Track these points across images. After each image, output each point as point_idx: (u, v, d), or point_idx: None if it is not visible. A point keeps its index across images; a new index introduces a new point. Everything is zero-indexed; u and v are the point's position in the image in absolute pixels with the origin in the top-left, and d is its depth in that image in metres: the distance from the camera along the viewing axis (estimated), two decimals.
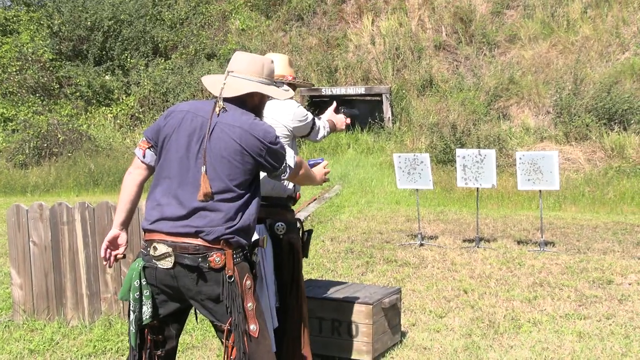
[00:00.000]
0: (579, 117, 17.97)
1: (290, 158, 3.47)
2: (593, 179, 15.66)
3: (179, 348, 5.23)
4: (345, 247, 9.15)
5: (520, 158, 8.68)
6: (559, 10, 21.38)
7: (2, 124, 20.98)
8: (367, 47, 23.21)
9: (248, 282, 3.27)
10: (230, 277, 3.19)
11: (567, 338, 5.49)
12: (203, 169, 3.17)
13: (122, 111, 22.05)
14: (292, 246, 4.28)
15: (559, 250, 8.73)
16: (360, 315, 4.97)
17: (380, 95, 21.04)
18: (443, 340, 5.47)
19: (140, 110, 21.96)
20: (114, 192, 16.82)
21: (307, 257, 4.65)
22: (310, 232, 4.58)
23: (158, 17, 24.62)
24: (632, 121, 17.61)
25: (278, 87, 3.70)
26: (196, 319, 3.71)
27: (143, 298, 3.25)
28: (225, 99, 3.38)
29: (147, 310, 3.25)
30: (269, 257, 4.20)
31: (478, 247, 8.94)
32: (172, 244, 3.15)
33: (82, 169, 17.92)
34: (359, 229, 10.42)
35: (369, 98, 21.73)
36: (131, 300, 3.25)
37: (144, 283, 3.24)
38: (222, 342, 3.25)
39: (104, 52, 23.30)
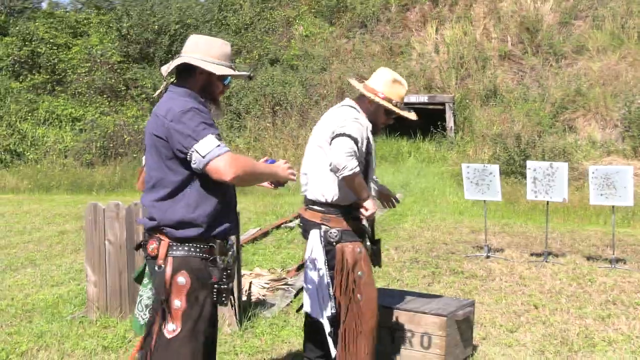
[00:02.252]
0: None
1: (204, 145, 3.02)
2: None
3: (248, 352, 5.26)
4: (410, 256, 9.08)
5: (593, 172, 8.50)
6: (630, 22, 20.94)
7: (70, 124, 21.47)
8: (430, 56, 23.08)
9: (181, 279, 3.10)
10: (159, 267, 3.13)
11: None
12: (142, 160, 3.31)
13: None
14: (343, 254, 4.21)
15: (631, 268, 8.52)
16: (434, 326, 4.91)
17: (443, 104, 20.90)
18: (515, 356, 5.38)
19: None
20: None
21: (379, 266, 4.61)
22: (378, 241, 4.53)
23: (223, 21, 24.96)
24: None
25: (235, 69, 3.43)
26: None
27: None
28: (174, 84, 3.32)
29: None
30: (320, 263, 4.21)
31: (546, 261, 8.78)
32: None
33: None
34: (423, 239, 10.34)
35: (431, 107, 21.59)
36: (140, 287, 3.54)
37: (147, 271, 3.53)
38: None
39: (170, 55, 23.62)
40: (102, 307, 5.94)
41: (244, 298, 6.21)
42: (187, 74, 3.31)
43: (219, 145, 3.04)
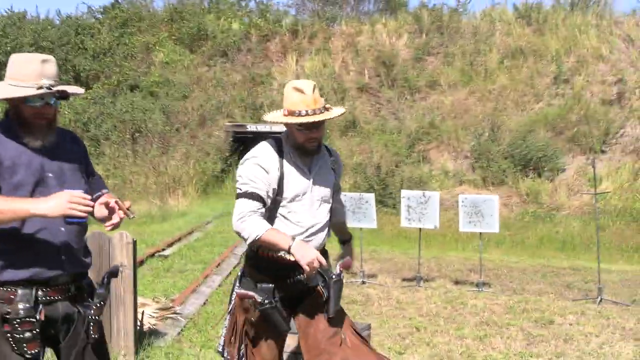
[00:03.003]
0: (496, 162, 18.76)
1: None
2: (511, 223, 16.27)
3: None
4: None
5: (462, 201, 9.06)
6: (478, 59, 22.31)
7: None
8: None
9: None
10: None
11: None
12: None
13: None
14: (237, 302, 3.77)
15: (496, 291, 9.10)
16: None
17: None
18: None
19: None
20: None
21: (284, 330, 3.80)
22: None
23: (81, 45, 24.32)
24: (546, 168, 18.50)
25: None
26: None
27: None
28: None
29: None
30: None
31: (419, 286, 9.22)
32: None
33: None
34: None
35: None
36: None
37: None
38: None
39: None
40: None
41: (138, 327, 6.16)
42: None
43: None
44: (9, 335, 2.90)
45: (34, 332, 2.93)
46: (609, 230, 15.30)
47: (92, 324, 3.10)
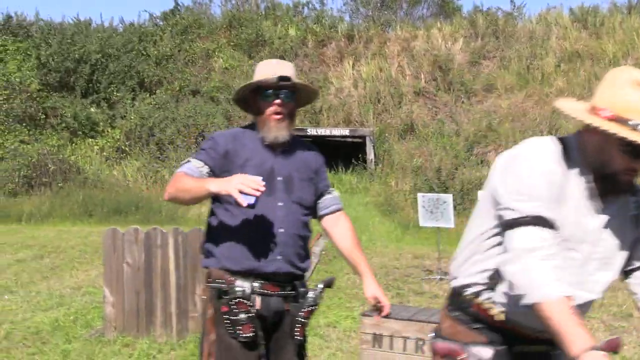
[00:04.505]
0: None
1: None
2: None
3: None
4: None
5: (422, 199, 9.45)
6: (534, 63, 22.53)
7: None
8: (349, 90, 24.00)
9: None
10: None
11: None
12: None
13: (108, 143, 22.37)
14: None
15: None
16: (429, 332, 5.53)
17: (363, 137, 21.79)
18: None
19: (127, 143, 22.28)
20: (108, 223, 17.10)
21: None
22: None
23: (144, 52, 25.12)
24: None
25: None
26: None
27: None
28: None
29: None
30: None
31: None
32: None
33: (75, 199, 18.14)
34: (375, 265, 10.96)
35: (351, 140, 22.46)
36: None
37: None
38: None
39: (90, 85, 23.67)
40: (119, 327, 6.25)
41: None
42: None
43: (181, 165, 3.18)
44: (225, 316, 3.07)
45: (250, 315, 3.05)
46: None
47: (298, 325, 3.21)
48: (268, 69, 3.21)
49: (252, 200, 2.90)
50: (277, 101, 3.16)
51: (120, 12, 78.92)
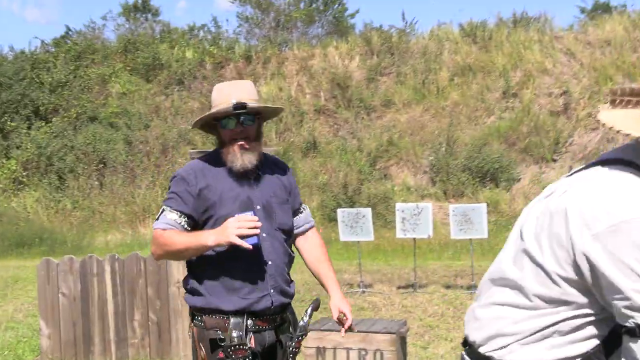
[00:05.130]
0: (454, 175, 19.63)
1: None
2: None
3: None
4: (295, 297, 9.81)
5: (453, 210, 9.79)
6: (429, 78, 23.25)
7: None
8: None
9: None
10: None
11: None
12: None
13: (4, 175, 21.64)
14: None
15: None
16: (385, 343, 5.70)
17: None
18: None
19: (24, 173, 21.62)
20: (11, 256, 16.59)
21: None
22: None
23: (37, 80, 24.44)
24: (502, 179, 19.46)
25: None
26: None
27: None
28: None
29: None
30: None
31: (416, 291, 9.89)
32: None
33: None
34: (297, 281, 11.09)
35: None
36: None
37: None
38: None
39: None
40: (56, 358, 6.13)
41: None
42: None
43: (157, 220, 3.11)
44: None
45: (247, 359, 3.02)
46: None
47: (291, 355, 3.19)
48: (222, 96, 3.07)
49: (255, 240, 2.90)
50: (238, 129, 3.04)
51: (8, 40, 76.67)
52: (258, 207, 3.10)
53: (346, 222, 10.01)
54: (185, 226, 3.05)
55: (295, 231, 3.41)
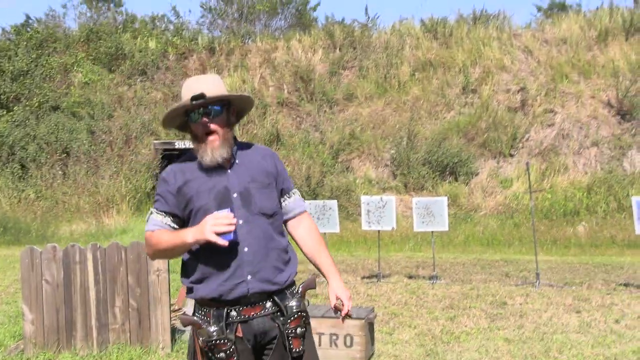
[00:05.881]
0: (415, 169, 20.08)
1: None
2: None
3: None
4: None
5: (416, 203, 10.18)
6: (391, 72, 23.67)
7: None
8: None
9: None
10: None
11: (499, 343, 6.88)
12: None
13: None
14: None
15: (448, 282, 10.26)
16: (355, 328, 6.06)
17: None
18: (405, 349, 6.67)
19: None
20: None
21: None
22: None
23: None
24: (461, 173, 19.97)
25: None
26: None
27: None
28: None
29: None
30: None
31: (380, 281, 10.27)
32: None
33: None
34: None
35: None
36: None
37: None
38: None
39: None
40: (39, 343, 6.36)
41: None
42: None
43: (147, 223, 3.19)
44: (207, 354, 3.07)
45: (228, 351, 3.04)
46: (524, 227, 16.82)
47: (290, 338, 3.14)
48: (187, 91, 3.11)
49: (231, 236, 2.95)
50: (204, 119, 3.07)
51: None
52: (235, 195, 3.12)
53: (312, 214, 10.35)
54: (173, 225, 3.15)
55: (285, 217, 3.34)
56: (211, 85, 3.13)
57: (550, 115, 21.04)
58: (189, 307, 8.69)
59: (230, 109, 3.19)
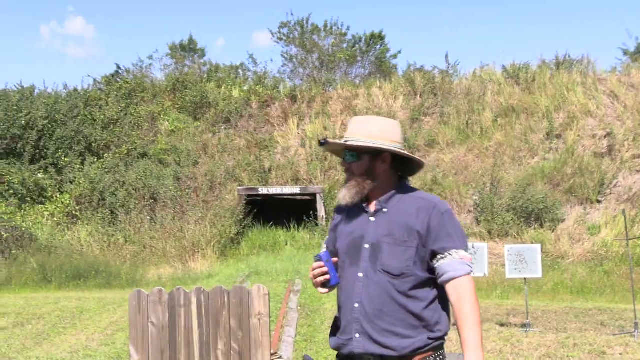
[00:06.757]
0: (499, 215, 19.85)
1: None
2: None
3: None
4: None
5: (508, 250, 10.09)
6: (473, 118, 23.61)
7: None
8: (296, 149, 24.60)
9: None
10: None
11: None
12: None
13: (58, 209, 22.30)
14: None
15: (541, 330, 10.06)
16: None
17: (314, 194, 22.36)
18: None
19: (77, 208, 22.26)
20: (68, 288, 17.10)
21: None
22: None
23: (90, 117, 25.25)
24: (547, 219, 19.63)
25: None
26: None
27: None
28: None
29: None
30: None
31: None
32: None
33: (31, 266, 18.08)
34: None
35: (300, 197, 23.04)
36: None
37: None
38: None
39: (37, 151, 23.66)
40: None
41: None
42: None
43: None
44: None
45: None
46: (615, 275, 16.38)
47: None
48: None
49: (333, 281, 2.99)
50: (343, 162, 3.11)
51: (63, 78, 79.10)
52: (366, 245, 2.98)
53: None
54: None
55: (439, 280, 2.97)
56: (356, 131, 3.08)
57: (639, 160, 20.58)
58: (283, 350, 8.78)
59: (380, 156, 3.06)
